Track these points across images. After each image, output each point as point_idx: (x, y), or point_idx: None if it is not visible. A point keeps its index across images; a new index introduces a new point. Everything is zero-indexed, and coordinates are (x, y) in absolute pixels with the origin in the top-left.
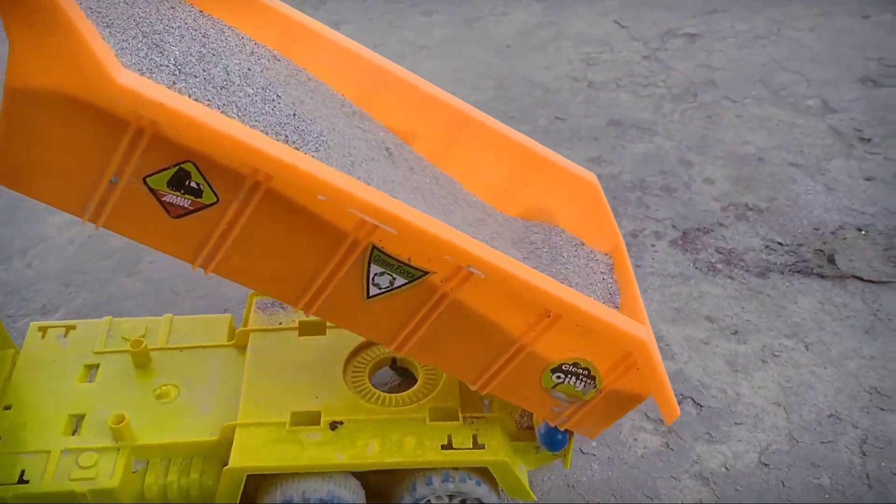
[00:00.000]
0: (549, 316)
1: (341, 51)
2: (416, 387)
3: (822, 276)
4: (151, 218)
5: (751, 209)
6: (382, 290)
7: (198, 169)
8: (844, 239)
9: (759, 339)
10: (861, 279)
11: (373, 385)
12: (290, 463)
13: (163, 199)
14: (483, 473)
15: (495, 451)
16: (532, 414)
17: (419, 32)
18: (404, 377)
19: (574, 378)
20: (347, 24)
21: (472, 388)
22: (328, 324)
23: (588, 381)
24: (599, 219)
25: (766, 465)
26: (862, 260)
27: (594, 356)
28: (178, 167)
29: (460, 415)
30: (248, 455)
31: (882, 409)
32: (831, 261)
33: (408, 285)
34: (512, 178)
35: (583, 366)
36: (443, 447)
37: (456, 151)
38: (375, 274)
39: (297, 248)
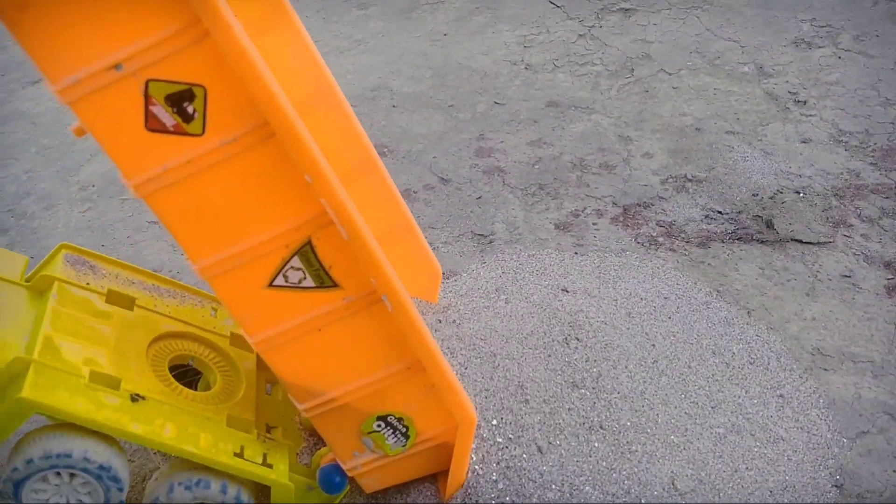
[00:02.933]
0: (414, 367)
1: (308, 56)
2: (214, 390)
3: (762, 242)
4: (125, 119)
5: (690, 180)
6: (287, 285)
7: (205, 97)
8: (783, 203)
9: None
10: (800, 241)
11: None
12: (85, 416)
13: (151, 107)
14: (255, 492)
15: (282, 473)
16: (311, 454)
17: (355, 26)
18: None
19: (391, 431)
20: None
21: (300, 407)
22: (137, 302)
23: (401, 438)
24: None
25: None
26: (801, 222)
27: (422, 417)
28: (189, 86)
29: (255, 430)
30: (44, 392)
31: (825, 370)
32: (770, 225)
33: (313, 289)
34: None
35: (405, 422)
36: (235, 454)
37: (348, 191)
38: (292, 267)
39: (244, 209)
